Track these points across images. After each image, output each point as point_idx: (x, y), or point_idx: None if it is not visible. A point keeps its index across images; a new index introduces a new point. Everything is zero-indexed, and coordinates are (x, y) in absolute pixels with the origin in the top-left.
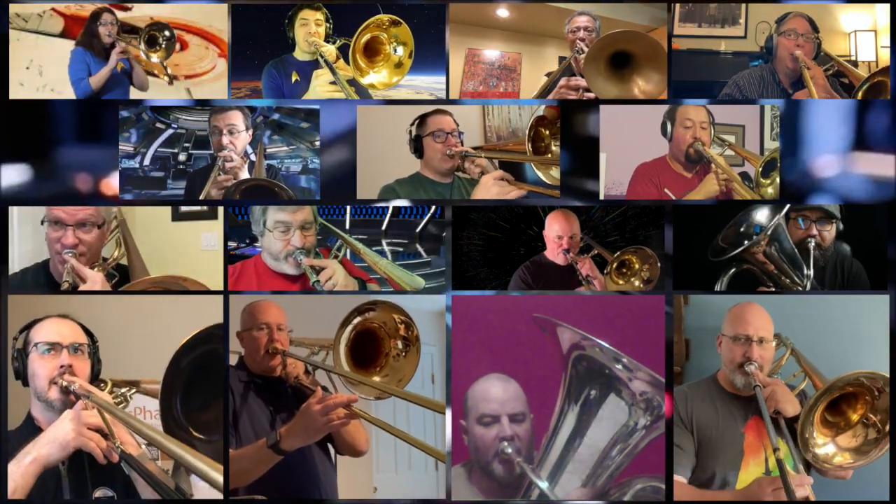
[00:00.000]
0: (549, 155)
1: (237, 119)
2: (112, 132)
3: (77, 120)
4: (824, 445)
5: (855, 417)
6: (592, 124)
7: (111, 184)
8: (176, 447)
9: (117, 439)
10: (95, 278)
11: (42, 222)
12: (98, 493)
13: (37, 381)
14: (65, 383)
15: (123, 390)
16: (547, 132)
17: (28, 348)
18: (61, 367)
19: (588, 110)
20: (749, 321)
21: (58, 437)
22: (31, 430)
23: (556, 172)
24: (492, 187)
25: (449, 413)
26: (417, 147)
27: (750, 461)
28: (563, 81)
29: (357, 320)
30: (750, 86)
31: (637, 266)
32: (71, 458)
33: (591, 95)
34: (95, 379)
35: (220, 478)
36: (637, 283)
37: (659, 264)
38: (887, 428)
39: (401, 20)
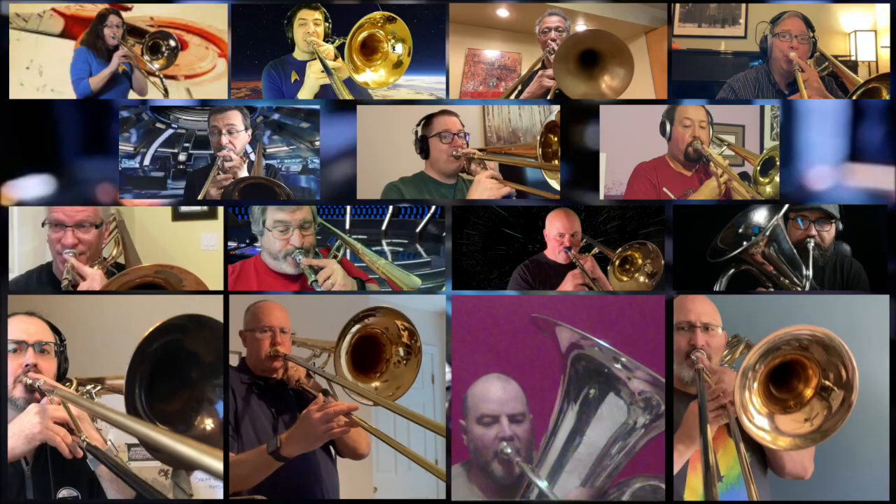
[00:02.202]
0: (556, 161)
1: (236, 119)
2: (112, 132)
3: (77, 120)
4: (760, 417)
5: (809, 392)
6: (592, 124)
7: (110, 186)
8: (167, 438)
9: (83, 433)
10: (95, 276)
11: (43, 224)
12: (63, 493)
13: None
14: (29, 381)
15: (88, 387)
16: (556, 139)
17: None
18: (26, 365)
19: (587, 111)
20: (690, 308)
21: (24, 430)
22: None
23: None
24: (485, 183)
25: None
26: (423, 147)
27: (698, 465)
28: (540, 73)
29: (356, 328)
30: (744, 88)
31: (640, 261)
32: (35, 457)
33: None
34: (62, 378)
35: (218, 464)
36: (641, 278)
37: (661, 259)
38: (851, 376)
39: (396, 16)
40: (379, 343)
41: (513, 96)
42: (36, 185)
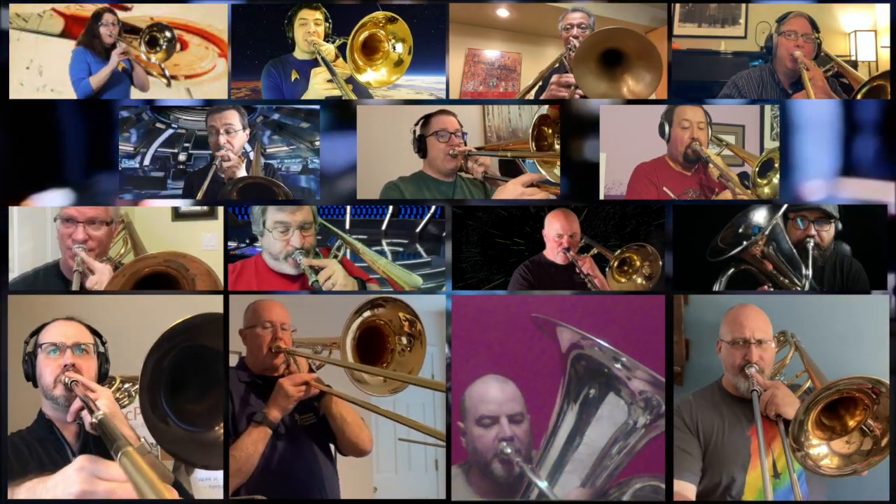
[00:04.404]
0: (552, 152)
1: (234, 118)
2: (112, 132)
3: (77, 120)
4: (818, 446)
5: (852, 423)
6: (592, 124)
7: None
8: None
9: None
10: (104, 270)
11: (55, 220)
12: None
13: (43, 381)
14: (67, 380)
15: (127, 385)
16: (550, 131)
17: (37, 350)
18: (64, 365)
19: (588, 110)
20: (745, 323)
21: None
22: (43, 426)
23: (559, 171)
24: (517, 193)
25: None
26: (421, 146)
27: (757, 464)
28: (554, 78)
29: (367, 314)
30: (748, 86)
31: (638, 263)
32: (82, 445)
33: (581, 93)
34: (104, 378)
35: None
36: (639, 280)
37: (660, 261)
38: (885, 442)
39: (397, 16)
40: (382, 335)
41: (531, 95)
42: (56, 199)
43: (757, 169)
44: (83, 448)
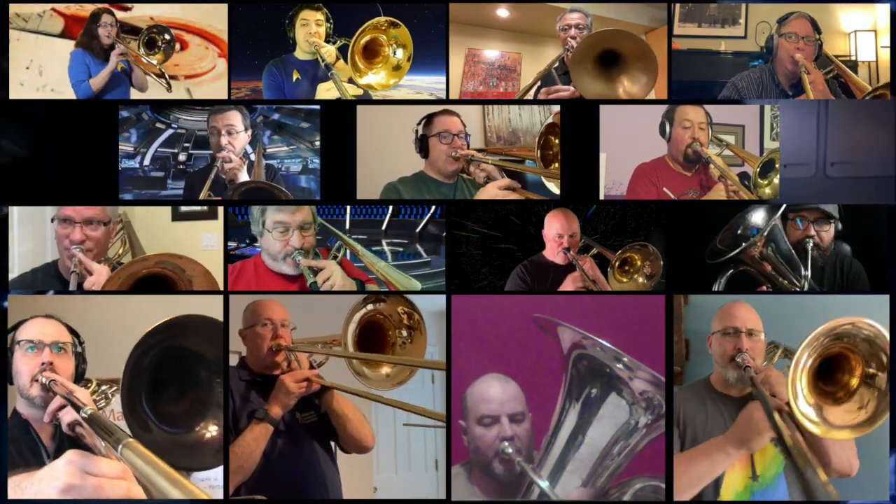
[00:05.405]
0: (556, 164)
1: (236, 119)
2: (112, 132)
3: (77, 120)
4: (809, 406)
5: (854, 382)
6: (592, 125)
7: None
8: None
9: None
10: (102, 271)
11: (52, 220)
12: None
13: (19, 379)
14: (44, 380)
15: (104, 388)
16: (556, 141)
17: (14, 347)
18: (42, 364)
19: (588, 111)
20: (737, 315)
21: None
22: (17, 425)
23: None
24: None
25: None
26: (423, 146)
27: (736, 464)
28: (543, 93)
29: (370, 307)
30: (748, 87)
31: (639, 263)
32: (57, 447)
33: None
34: (81, 378)
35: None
36: (641, 279)
37: (661, 262)
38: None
39: (399, 22)
40: (382, 328)
41: (530, 95)
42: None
43: (758, 169)
44: (58, 450)
